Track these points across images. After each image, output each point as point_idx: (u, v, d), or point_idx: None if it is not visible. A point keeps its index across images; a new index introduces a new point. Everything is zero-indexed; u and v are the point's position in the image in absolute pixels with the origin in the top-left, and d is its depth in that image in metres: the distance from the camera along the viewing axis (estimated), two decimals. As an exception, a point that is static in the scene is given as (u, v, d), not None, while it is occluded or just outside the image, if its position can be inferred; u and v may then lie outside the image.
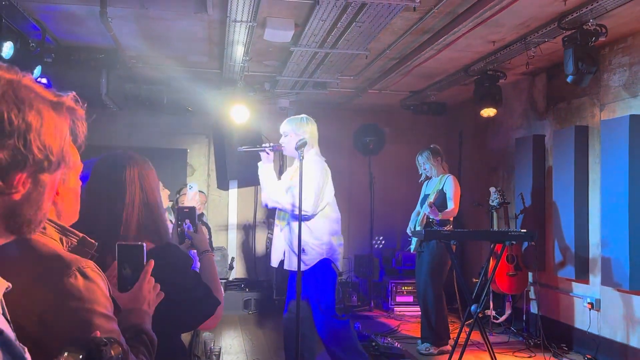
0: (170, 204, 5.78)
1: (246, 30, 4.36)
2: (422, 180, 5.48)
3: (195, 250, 1.99)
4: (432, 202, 5.02)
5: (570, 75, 4.40)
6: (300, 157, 3.53)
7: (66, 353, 0.91)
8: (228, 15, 4.07)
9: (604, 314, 4.97)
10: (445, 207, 5.10)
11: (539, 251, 5.74)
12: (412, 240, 5.34)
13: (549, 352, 5.12)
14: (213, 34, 4.89)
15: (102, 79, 5.13)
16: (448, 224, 5.11)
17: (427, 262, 5.16)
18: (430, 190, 5.25)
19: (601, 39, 4.30)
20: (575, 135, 5.26)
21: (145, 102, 6.29)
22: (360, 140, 7.89)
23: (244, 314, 6.72)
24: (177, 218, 1.99)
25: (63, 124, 0.96)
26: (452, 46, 4.96)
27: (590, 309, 5.07)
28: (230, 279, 7.48)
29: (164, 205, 3.89)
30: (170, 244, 1.70)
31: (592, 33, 4.25)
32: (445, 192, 5.17)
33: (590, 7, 3.95)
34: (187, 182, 7.16)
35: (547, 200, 5.76)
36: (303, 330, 3.63)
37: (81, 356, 0.91)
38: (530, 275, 5.90)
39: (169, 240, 1.74)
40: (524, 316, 5.80)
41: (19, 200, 0.90)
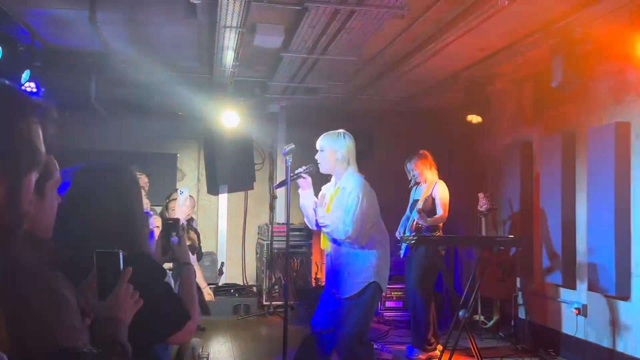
0: (159, 209, 5.77)
1: (236, 36, 4.37)
2: (411, 185, 5.50)
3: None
4: (421, 208, 5.05)
5: (556, 82, 4.44)
6: (288, 164, 3.51)
7: None
8: (218, 20, 4.08)
9: (591, 320, 5.01)
10: (435, 213, 5.13)
11: (526, 257, 5.78)
12: (401, 246, 5.35)
13: (536, 357, 5.15)
14: (203, 39, 4.89)
15: (91, 83, 5.11)
16: (437, 230, 5.13)
17: (416, 267, 5.17)
18: (419, 195, 5.27)
19: (587, 46, 4.35)
20: (562, 142, 5.31)
21: (135, 107, 6.28)
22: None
23: (233, 320, 6.69)
24: (162, 229, 1.99)
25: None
26: (440, 53, 4.99)
27: (577, 315, 5.10)
28: (220, 284, 7.45)
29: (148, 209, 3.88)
30: (143, 253, 1.67)
31: (578, 41, 4.30)
32: (435, 198, 5.19)
33: (576, 15, 4.00)
34: (177, 187, 7.14)
35: (535, 206, 5.80)
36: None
37: None
38: (519, 280, 5.94)
39: (145, 249, 1.72)
40: (512, 321, 5.82)
41: None
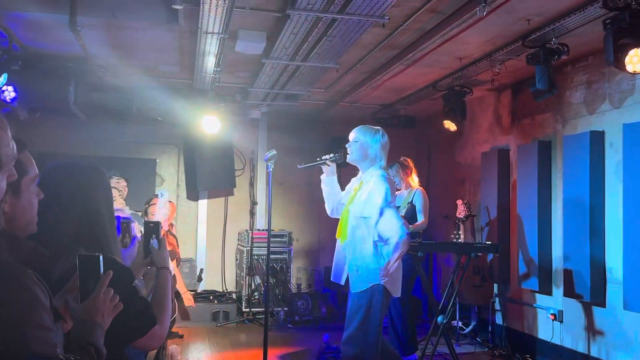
0: (139, 213, 5.73)
1: (217, 42, 4.38)
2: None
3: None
4: (403, 215, 5.10)
5: (540, 89, 4.52)
6: (270, 170, 3.53)
7: None
8: (199, 26, 4.09)
9: (567, 325, 5.11)
10: (416, 220, 5.18)
11: (504, 263, 5.87)
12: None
13: (513, 362, 5.23)
14: (184, 44, 4.89)
15: (70, 88, 5.07)
16: (418, 237, 5.19)
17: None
18: (401, 202, 5.32)
19: (563, 57, 4.46)
20: (539, 150, 5.42)
21: (114, 112, 6.22)
22: (331, 152, 7.91)
23: (212, 327, 6.66)
24: (144, 232, 1.99)
25: None
26: (420, 62, 5.08)
27: (553, 320, 5.20)
28: (199, 290, 7.42)
29: (126, 214, 3.85)
30: (108, 257, 1.64)
31: (554, 51, 4.41)
32: (415, 205, 5.25)
33: (552, 26, 4.10)
34: (156, 192, 7.09)
35: (512, 213, 5.90)
36: None
37: None
38: (496, 286, 6.03)
39: (112, 252, 1.71)
40: (490, 327, 5.90)
41: None
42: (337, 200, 3.71)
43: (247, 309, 6.99)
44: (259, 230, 7.43)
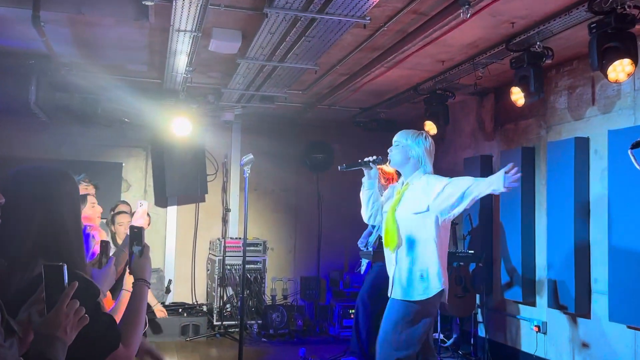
0: (104, 221, 5.64)
1: (190, 40, 4.36)
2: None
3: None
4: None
5: (530, 92, 4.58)
6: (246, 175, 3.52)
7: None
8: (171, 24, 4.06)
9: (551, 337, 5.19)
10: None
11: (486, 273, 5.94)
12: (362, 262, 5.43)
13: (496, 375, 5.29)
14: (154, 42, 4.85)
15: (32, 87, 4.98)
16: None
17: (372, 279, 5.27)
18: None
19: (547, 61, 4.55)
20: (522, 156, 5.51)
21: (78, 112, 6.14)
22: (309, 157, 7.96)
23: (181, 341, 6.58)
24: (129, 237, 1.91)
25: None
26: (401, 64, 5.13)
27: (537, 332, 5.28)
28: (167, 303, 7.32)
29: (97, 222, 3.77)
30: (72, 270, 1.56)
31: (539, 55, 4.50)
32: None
33: (537, 30, 4.19)
34: (122, 198, 7.01)
35: (495, 221, 5.99)
36: None
37: None
38: (478, 297, 6.09)
39: (78, 266, 1.65)
40: (472, 339, 5.96)
41: None
42: (376, 206, 3.66)
43: (219, 322, 6.93)
44: (232, 238, 7.39)
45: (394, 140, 3.65)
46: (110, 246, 2.15)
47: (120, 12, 4.12)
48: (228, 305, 7.06)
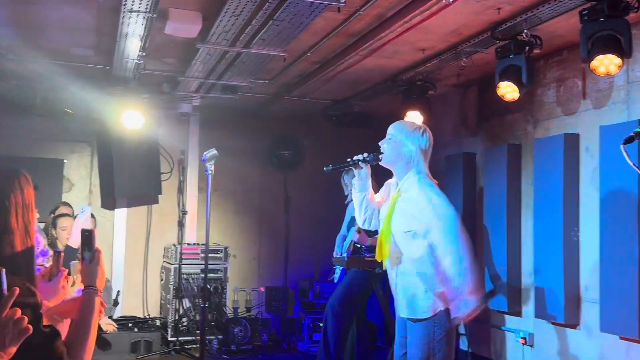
0: (41, 224, 5.54)
1: (144, 22, 4.32)
2: (348, 201, 5.62)
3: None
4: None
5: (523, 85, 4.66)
6: (209, 173, 3.50)
7: None
8: (123, 3, 4.01)
9: (538, 350, 5.31)
10: (377, 232, 5.19)
11: (470, 281, 6.03)
12: (335, 269, 5.45)
13: (480, 392, 5.38)
14: (103, 24, 4.79)
15: (-40, 73, 4.86)
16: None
17: (344, 287, 5.31)
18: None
19: (536, 50, 4.65)
20: (508, 154, 5.62)
21: (14, 103, 6.05)
22: (275, 153, 7.96)
23: (132, 359, 6.51)
24: (81, 241, 1.92)
25: None
26: (378, 52, 5.16)
27: (523, 345, 5.39)
28: (115, 317, 7.22)
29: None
30: (11, 276, 1.53)
31: (526, 44, 4.59)
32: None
33: (524, 16, 4.28)
34: (64, 199, 6.91)
35: (478, 224, 6.09)
36: None
37: None
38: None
39: (23, 270, 1.63)
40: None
41: None
42: (370, 209, 3.55)
43: (174, 338, 6.87)
44: (189, 244, 7.34)
45: (388, 133, 3.53)
46: (62, 257, 2.12)
47: (64, -12, 4.06)
48: (184, 319, 7.01)
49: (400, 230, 3.39)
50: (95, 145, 7.50)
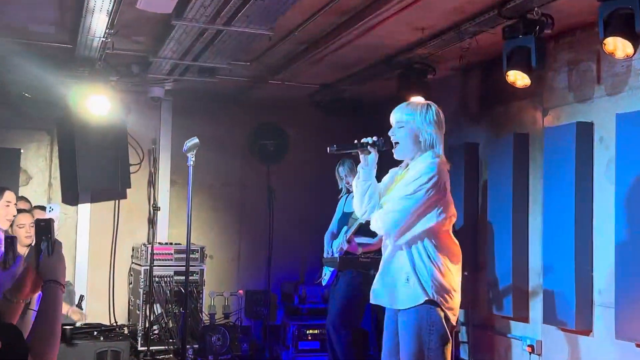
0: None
1: (113, -5, 4.28)
2: (341, 195, 5.60)
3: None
4: (354, 233, 5.12)
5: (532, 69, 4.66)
6: (190, 164, 3.47)
7: None
8: (90, -26, 3.97)
9: (546, 359, 5.34)
10: (371, 234, 4.97)
11: (471, 283, 6.04)
12: (324, 270, 5.43)
13: (483, 405, 5.41)
14: (66, -3, 4.74)
15: None
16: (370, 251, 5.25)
17: (341, 297, 5.28)
18: (352, 207, 5.35)
19: (547, 31, 4.65)
20: (514, 145, 5.63)
21: (-36, 85, 5.96)
22: (257, 143, 7.94)
23: (97, 371, 6.47)
24: (35, 233, 1.93)
25: None
26: (373, 31, 5.15)
27: (530, 353, 5.42)
28: (79, 324, 7.16)
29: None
30: None
31: (536, 23, 4.59)
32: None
33: (534, -7, 4.29)
34: (21, 193, 6.84)
35: (481, 221, 6.11)
36: None
37: None
38: (462, 313, 6.21)
39: None
40: (454, 363, 6.09)
41: None
42: (374, 200, 3.48)
43: (144, 348, 6.84)
44: (161, 244, 7.30)
45: (397, 121, 3.44)
46: (17, 243, 2.13)
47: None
48: (156, 327, 6.97)
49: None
50: (56, 133, 7.45)
